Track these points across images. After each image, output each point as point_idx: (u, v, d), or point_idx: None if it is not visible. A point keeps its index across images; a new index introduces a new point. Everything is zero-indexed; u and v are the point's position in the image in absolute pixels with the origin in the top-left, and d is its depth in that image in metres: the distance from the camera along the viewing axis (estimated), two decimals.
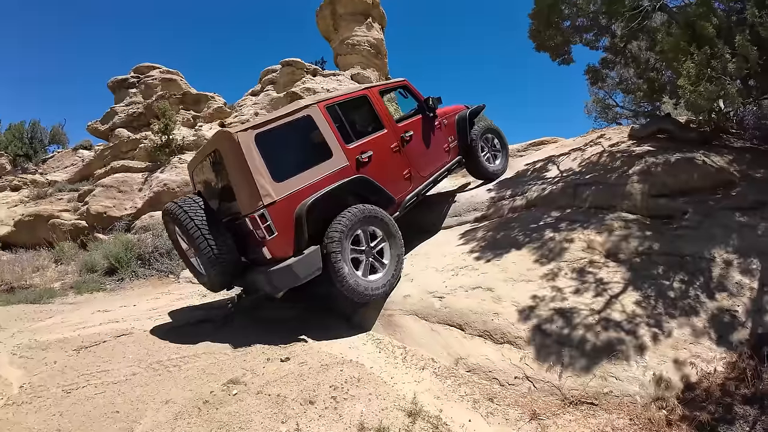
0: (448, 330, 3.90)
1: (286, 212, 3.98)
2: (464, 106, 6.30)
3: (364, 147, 4.69)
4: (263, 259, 4.00)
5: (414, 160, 5.20)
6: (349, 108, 4.87)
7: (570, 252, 4.27)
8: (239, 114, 13.71)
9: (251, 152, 3.93)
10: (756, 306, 3.45)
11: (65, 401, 3.15)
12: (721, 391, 2.97)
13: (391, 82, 5.60)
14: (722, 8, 4.79)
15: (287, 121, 4.30)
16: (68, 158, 16.22)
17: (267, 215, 3.85)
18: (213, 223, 4.07)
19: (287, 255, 3.97)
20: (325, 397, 3.02)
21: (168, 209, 4.27)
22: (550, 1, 5.32)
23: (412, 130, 5.23)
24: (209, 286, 4.49)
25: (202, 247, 3.99)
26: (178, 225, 4.18)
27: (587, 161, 5.68)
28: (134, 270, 8.12)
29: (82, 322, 5.14)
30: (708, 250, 3.96)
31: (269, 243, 3.90)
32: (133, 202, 11.80)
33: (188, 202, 4.18)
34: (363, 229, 4.33)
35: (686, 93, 4.02)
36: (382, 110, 5.08)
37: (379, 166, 4.73)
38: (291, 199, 4.03)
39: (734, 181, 4.69)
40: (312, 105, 4.51)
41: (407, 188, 5.10)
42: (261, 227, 3.84)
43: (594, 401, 3.09)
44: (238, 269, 4.28)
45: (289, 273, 3.89)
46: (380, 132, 4.95)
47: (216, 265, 4.06)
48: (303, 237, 4.00)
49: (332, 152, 4.43)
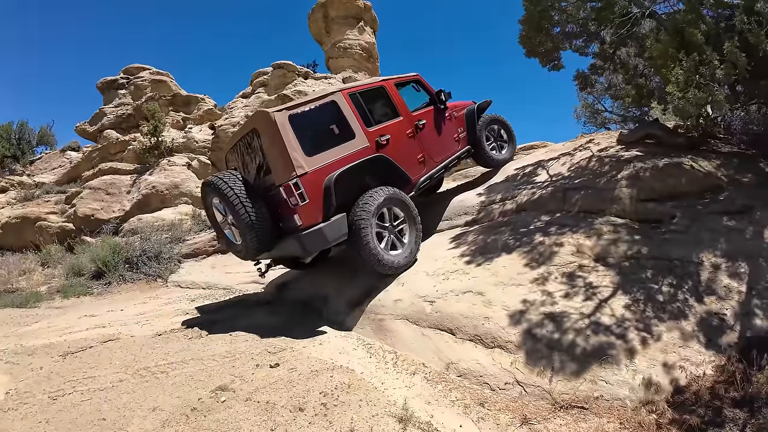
0: (438, 334, 3.90)
1: (316, 183, 4.42)
2: (473, 102, 6.73)
3: (383, 131, 5.15)
4: (294, 226, 4.43)
5: (427, 146, 5.66)
6: (369, 96, 5.33)
7: (560, 256, 4.29)
8: (230, 116, 13.62)
9: (286, 129, 4.42)
10: (744, 309, 3.48)
11: (51, 408, 3.11)
12: (710, 395, 2.98)
13: (406, 76, 5.98)
14: (711, 15, 4.82)
15: (315, 105, 4.78)
16: (56, 160, 16.05)
17: (300, 184, 4.30)
18: (250, 194, 4.47)
19: (317, 221, 4.38)
20: (315, 404, 2.99)
21: (209, 181, 4.66)
22: (541, 7, 5.36)
23: (425, 119, 5.70)
24: (244, 253, 4.80)
25: (241, 213, 4.37)
26: (219, 195, 4.55)
27: (576, 166, 5.72)
28: (122, 274, 8.02)
29: (69, 326, 5.07)
30: (696, 254, 3.99)
31: (300, 210, 4.33)
32: (121, 205, 11.68)
33: (227, 175, 4.59)
34: (388, 208, 4.83)
35: (674, 99, 4.06)
36: (398, 100, 5.56)
37: (396, 149, 5.20)
38: (320, 172, 4.47)
39: (722, 185, 4.72)
40: (336, 92, 5.01)
41: (421, 171, 5.55)
42: (294, 194, 4.28)
43: (584, 405, 3.09)
44: (271, 238, 4.62)
45: (320, 236, 4.33)
46: (397, 119, 5.42)
47: (252, 231, 4.44)
48: (331, 205, 4.44)
49: (355, 134, 4.89)
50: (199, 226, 10.53)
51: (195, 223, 10.77)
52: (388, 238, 4.82)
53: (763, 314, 3.42)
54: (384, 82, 5.56)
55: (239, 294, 6.36)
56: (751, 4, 4.26)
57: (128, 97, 15.13)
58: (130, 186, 12.21)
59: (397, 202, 4.88)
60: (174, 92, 15.16)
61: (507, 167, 6.68)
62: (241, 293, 6.38)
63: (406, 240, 4.98)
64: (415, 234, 5.03)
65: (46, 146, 18.33)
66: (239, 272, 7.34)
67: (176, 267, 8.57)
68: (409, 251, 4.92)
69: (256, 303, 5.68)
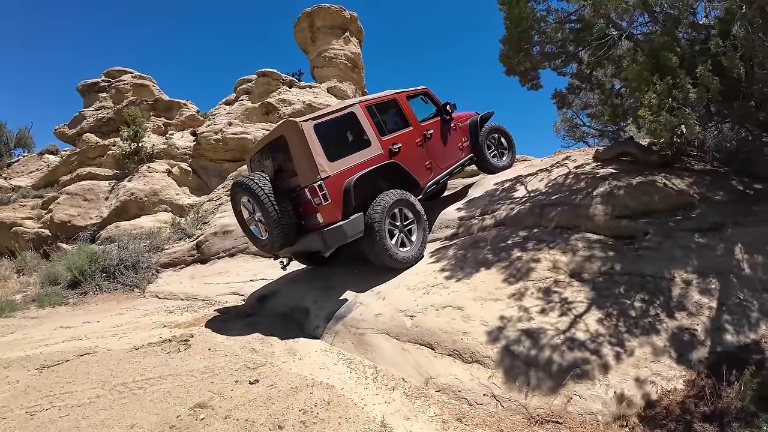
0: (418, 349, 3.94)
1: (337, 186, 4.91)
2: (476, 113, 7.21)
3: (395, 140, 5.64)
4: (316, 224, 4.94)
5: (434, 154, 6.15)
6: (383, 108, 5.83)
7: (536, 271, 4.37)
8: (212, 123, 13.51)
9: (311, 137, 4.89)
10: (715, 325, 3.56)
11: (29, 424, 3.07)
12: (680, 409, 3.04)
13: (416, 89, 6.44)
14: (686, 38, 4.96)
15: (336, 116, 5.28)
16: (34, 163, 15.67)
17: (323, 186, 4.80)
18: (277, 194, 4.90)
19: (337, 219, 4.84)
20: (295, 422, 3.00)
21: (240, 181, 5.06)
22: (521, 28, 5.50)
23: (432, 129, 6.20)
24: (269, 246, 5.19)
25: (269, 211, 4.80)
26: (249, 194, 4.95)
27: (553, 182, 5.85)
28: (98, 283, 7.89)
29: (45, 338, 4.98)
30: (668, 270, 4.08)
31: (322, 209, 4.84)
32: (99, 211, 11.47)
33: (257, 176, 5.01)
34: (399, 209, 5.31)
35: (646, 122, 4.19)
36: (409, 111, 6.05)
37: (407, 156, 5.68)
38: (340, 176, 4.97)
39: (694, 203, 4.84)
40: (355, 104, 5.52)
41: (429, 176, 6.04)
42: (319, 195, 4.78)
43: (558, 420, 3.16)
44: (294, 234, 5.04)
45: (340, 232, 4.77)
46: (407, 129, 5.90)
47: (279, 227, 4.87)
48: (351, 205, 4.92)
49: (371, 142, 5.39)
50: (178, 235, 10.39)
51: (174, 231, 10.63)
52: (398, 236, 5.30)
53: (734, 330, 3.51)
54: (396, 95, 6.03)
55: (219, 305, 6.30)
56: (727, 28, 4.41)
57: (109, 100, 14.90)
58: (108, 192, 12.00)
59: (407, 204, 5.35)
60: (156, 97, 14.99)
61: (488, 181, 6.82)
62: (220, 305, 6.33)
63: (414, 239, 5.43)
64: (423, 234, 5.48)
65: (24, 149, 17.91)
66: (219, 283, 7.28)
67: (154, 277, 8.46)
68: (417, 249, 5.37)
69: (236, 315, 5.64)
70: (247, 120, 13.56)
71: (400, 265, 5.17)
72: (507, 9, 5.69)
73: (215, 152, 12.90)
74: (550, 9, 5.81)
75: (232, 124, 13.18)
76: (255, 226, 5.33)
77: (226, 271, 7.92)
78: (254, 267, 7.68)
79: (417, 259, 5.34)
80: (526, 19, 5.57)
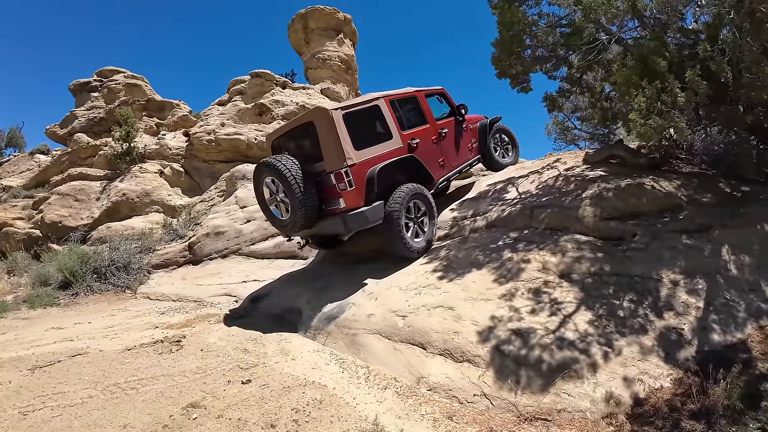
0: (410, 349, 3.97)
1: (360, 173, 5.09)
2: (485, 117, 7.55)
3: (414, 135, 5.87)
4: (338, 208, 5.13)
5: (446, 152, 6.43)
6: (404, 104, 6.05)
7: (526, 272, 4.43)
8: (205, 123, 13.47)
9: (341, 125, 5.07)
10: (701, 324, 3.61)
11: (22, 424, 3.08)
12: (668, 407, 3.08)
13: (433, 89, 6.69)
14: (675, 43, 5.02)
15: (362, 107, 5.47)
16: (25, 162, 15.55)
17: (349, 172, 4.98)
18: (303, 175, 5.04)
19: (358, 205, 5.04)
20: (287, 421, 3.02)
21: (267, 161, 5.20)
22: (513, 32, 5.57)
23: (446, 129, 6.47)
24: (289, 227, 5.36)
25: (295, 191, 4.97)
26: (276, 174, 5.08)
27: (544, 184, 5.91)
28: (89, 284, 7.83)
29: (36, 339, 4.97)
30: (656, 271, 4.14)
31: (345, 195, 5.03)
32: (90, 212, 11.40)
33: (285, 158, 5.14)
34: (414, 202, 5.52)
35: (636, 125, 4.25)
36: (427, 109, 6.33)
37: (423, 152, 5.92)
38: (364, 165, 5.15)
39: (681, 205, 4.88)
40: (379, 98, 5.70)
41: (441, 173, 6.28)
42: (344, 180, 4.97)
43: (548, 417, 3.19)
44: (315, 217, 5.22)
45: (362, 217, 4.99)
46: (425, 126, 6.15)
47: (303, 208, 5.04)
48: (374, 192, 5.13)
49: (392, 135, 5.62)
50: (170, 236, 10.35)
51: (166, 232, 10.58)
52: (413, 227, 5.51)
53: (720, 329, 3.56)
54: (416, 93, 6.28)
55: (211, 307, 6.29)
56: (715, 33, 4.48)
57: (101, 100, 14.82)
58: (99, 192, 11.93)
59: (421, 197, 5.60)
60: (148, 97, 14.93)
61: (480, 183, 6.89)
62: (212, 306, 6.33)
63: (426, 230, 5.65)
64: (433, 227, 5.74)
65: (15, 148, 17.79)
66: (211, 284, 7.27)
67: (146, 278, 8.42)
68: (428, 240, 5.61)
69: (228, 316, 5.65)
70: (240, 121, 13.53)
71: (413, 254, 5.38)
72: (499, 13, 5.76)
73: (208, 153, 12.86)
74: (541, 13, 5.89)
75: (225, 124, 13.14)
76: (275, 206, 5.48)
77: (218, 272, 7.91)
78: (247, 268, 7.68)
79: (426, 249, 5.58)
80: (518, 23, 5.63)
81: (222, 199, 11.33)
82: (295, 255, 7.49)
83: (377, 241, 6.07)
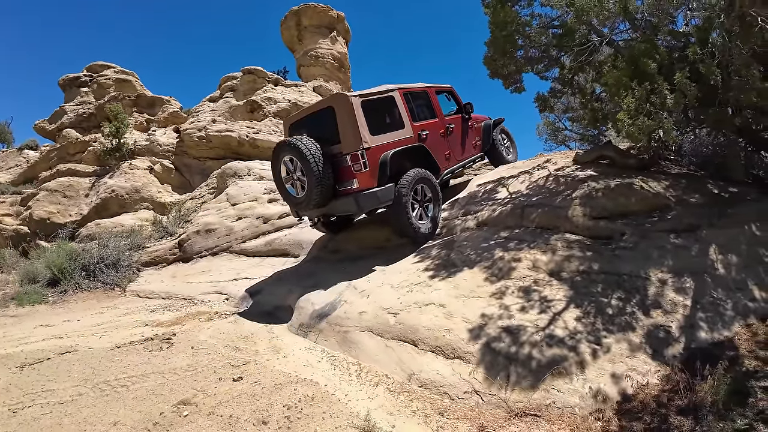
0: (402, 346, 3.99)
1: (374, 157, 5.42)
2: (489, 117, 8.09)
3: (424, 127, 6.26)
4: (352, 188, 5.48)
5: (452, 146, 6.82)
6: (416, 97, 6.46)
7: (517, 271, 4.46)
8: (196, 120, 13.37)
9: (359, 110, 5.44)
10: (689, 322, 3.66)
11: (12, 421, 3.05)
12: (656, 403, 3.11)
13: (443, 86, 7.16)
14: (665, 45, 5.06)
15: (378, 97, 5.84)
16: (13, 158, 15.33)
17: (365, 154, 5.32)
18: (321, 155, 5.37)
19: (371, 186, 5.36)
20: (279, 417, 3.02)
21: (288, 140, 5.52)
22: (506, 32, 5.60)
23: (454, 124, 6.90)
24: (304, 204, 5.64)
25: (314, 170, 5.28)
26: (296, 152, 5.39)
27: (534, 184, 5.96)
28: (78, 282, 7.74)
29: (25, 337, 4.92)
30: (644, 270, 4.18)
31: (360, 176, 5.39)
32: (79, 209, 11.27)
33: (305, 138, 5.48)
34: (421, 186, 5.84)
35: (624, 126, 4.30)
36: (437, 103, 6.76)
37: (432, 143, 6.30)
38: (377, 149, 5.48)
39: (670, 205, 4.95)
40: (394, 90, 6.10)
41: (446, 165, 6.64)
42: (360, 161, 5.31)
43: (537, 413, 3.22)
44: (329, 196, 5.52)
45: (374, 197, 5.33)
46: (434, 119, 6.56)
47: (319, 186, 5.34)
48: (386, 175, 5.45)
49: (404, 125, 5.97)
50: (160, 233, 10.26)
51: (156, 229, 10.49)
52: (418, 209, 5.83)
53: (707, 327, 3.61)
54: (427, 88, 6.73)
55: (201, 304, 6.26)
56: (705, 36, 4.54)
57: (90, 95, 14.66)
58: (88, 189, 11.79)
59: (428, 183, 5.91)
60: (139, 93, 14.79)
61: (472, 183, 6.94)
62: (203, 304, 6.29)
63: (430, 215, 5.95)
64: (438, 211, 6.03)
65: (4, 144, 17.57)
66: (201, 282, 7.23)
67: (135, 275, 8.35)
68: (432, 224, 5.91)
69: (219, 314, 5.62)
70: (232, 117, 13.45)
71: (417, 235, 5.67)
72: (492, 13, 5.79)
73: (198, 149, 12.77)
74: (534, 14, 5.94)
75: (216, 121, 13.06)
76: (291, 184, 5.78)
77: (208, 270, 7.87)
78: (237, 266, 7.65)
79: (431, 235, 5.85)
80: (511, 23, 5.67)
81: (213, 196, 11.26)
82: (287, 253, 7.48)
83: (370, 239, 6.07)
